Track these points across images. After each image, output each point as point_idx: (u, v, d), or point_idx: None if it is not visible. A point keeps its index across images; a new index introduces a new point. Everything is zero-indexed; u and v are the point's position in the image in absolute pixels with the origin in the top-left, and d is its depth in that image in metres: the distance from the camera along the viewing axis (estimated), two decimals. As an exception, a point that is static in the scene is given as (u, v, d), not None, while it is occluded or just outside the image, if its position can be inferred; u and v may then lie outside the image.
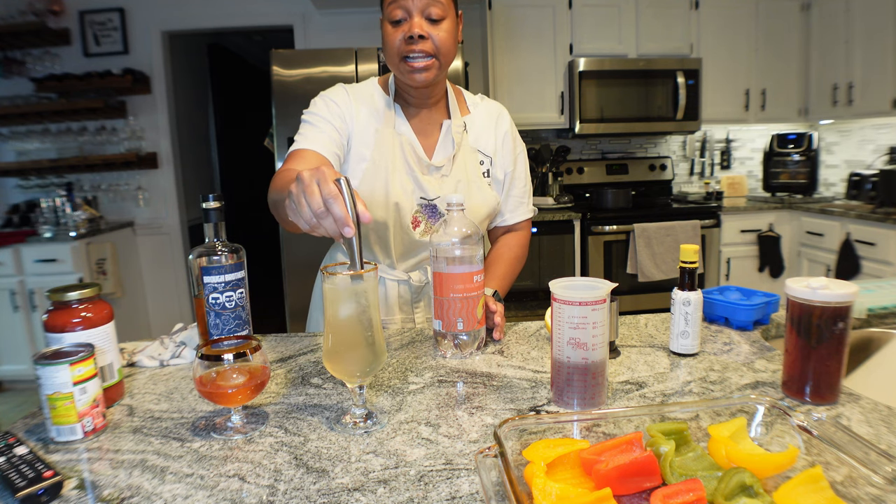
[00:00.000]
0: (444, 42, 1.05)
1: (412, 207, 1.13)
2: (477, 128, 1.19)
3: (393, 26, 1.05)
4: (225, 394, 0.72)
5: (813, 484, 0.51)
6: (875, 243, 2.84)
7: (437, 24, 1.04)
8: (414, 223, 1.13)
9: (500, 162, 1.20)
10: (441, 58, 1.06)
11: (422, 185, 1.13)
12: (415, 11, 1.03)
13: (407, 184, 1.12)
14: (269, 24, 3.75)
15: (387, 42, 1.07)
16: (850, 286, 0.72)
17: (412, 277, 1.16)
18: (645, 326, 1.09)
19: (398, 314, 1.19)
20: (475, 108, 1.21)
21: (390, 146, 1.11)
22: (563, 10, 3.46)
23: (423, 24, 1.03)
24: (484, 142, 1.19)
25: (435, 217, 1.15)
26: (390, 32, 1.05)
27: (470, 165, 1.16)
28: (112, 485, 0.62)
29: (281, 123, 2.92)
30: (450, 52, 1.07)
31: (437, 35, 1.04)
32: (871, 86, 3.14)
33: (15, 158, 3.72)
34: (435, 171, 1.14)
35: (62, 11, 3.58)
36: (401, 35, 1.04)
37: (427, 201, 1.14)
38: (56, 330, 0.76)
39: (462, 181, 1.14)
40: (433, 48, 1.04)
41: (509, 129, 1.22)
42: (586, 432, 0.64)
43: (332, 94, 1.14)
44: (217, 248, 0.90)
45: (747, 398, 0.64)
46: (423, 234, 1.14)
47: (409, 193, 1.12)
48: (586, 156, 3.96)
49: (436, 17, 1.04)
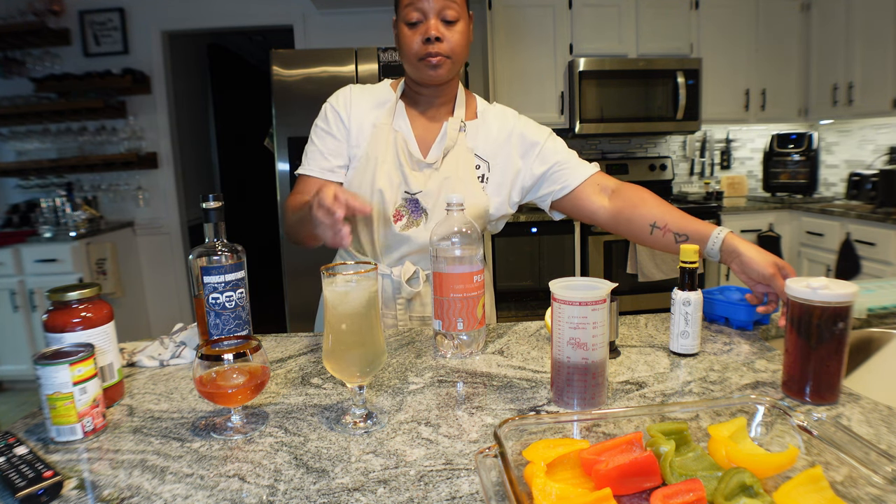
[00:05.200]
0: (458, 43, 1.09)
1: (395, 201, 1.14)
2: (479, 133, 1.19)
3: (409, 28, 1.08)
4: (225, 394, 0.72)
5: (813, 484, 0.51)
6: (875, 243, 2.84)
7: (451, 27, 1.07)
8: (396, 216, 1.14)
9: (504, 164, 1.19)
10: (455, 58, 1.10)
11: (407, 179, 1.14)
12: (431, 14, 1.06)
13: (394, 176, 1.14)
14: (269, 24, 3.76)
15: (403, 43, 1.10)
16: (850, 286, 0.72)
17: (394, 273, 1.16)
18: (645, 326, 1.09)
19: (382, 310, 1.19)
20: (483, 115, 1.21)
21: (385, 141, 1.14)
22: (563, 10, 3.46)
23: (439, 26, 1.06)
24: (483, 147, 1.18)
25: (417, 212, 1.15)
26: (407, 34, 1.09)
27: (462, 164, 1.16)
28: (112, 485, 0.61)
29: (281, 123, 2.92)
30: (463, 52, 1.11)
31: (452, 37, 1.07)
32: (871, 86, 3.14)
33: (15, 158, 3.72)
34: (426, 167, 1.15)
35: (62, 11, 3.58)
36: (419, 37, 1.07)
37: (410, 195, 1.15)
38: (56, 330, 0.76)
39: (451, 178, 1.14)
40: (449, 49, 1.08)
41: (517, 131, 1.20)
42: (586, 432, 0.64)
43: (336, 100, 1.19)
44: (217, 248, 0.90)
45: (747, 398, 0.64)
46: (404, 229, 1.14)
47: (394, 186, 1.14)
48: (586, 156, 3.93)
49: (451, 18, 1.07)
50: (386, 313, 1.19)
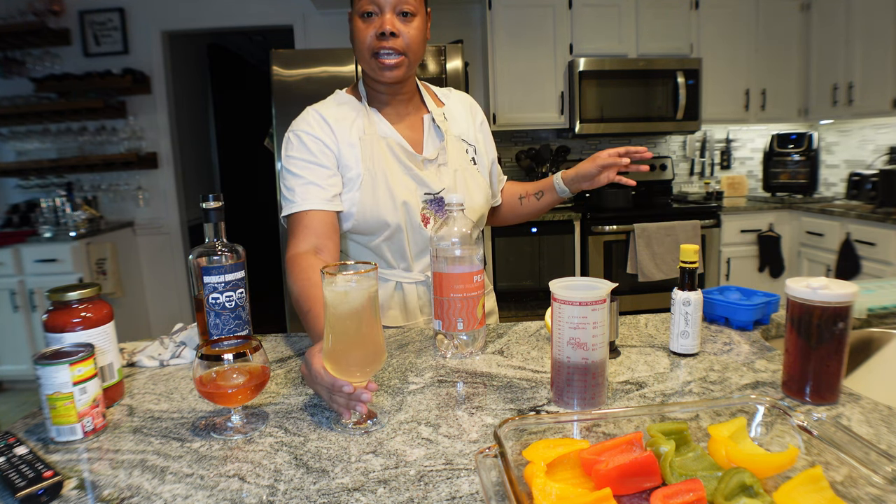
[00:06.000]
0: (414, 39, 1.05)
1: (419, 205, 1.12)
2: (456, 118, 1.21)
3: (363, 20, 1.04)
4: (225, 394, 0.72)
5: (813, 484, 0.51)
6: (875, 243, 2.84)
7: (408, 22, 1.04)
8: (424, 220, 1.13)
9: (484, 149, 1.24)
10: (410, 55, 1.06)
11: (422, 181, 1.12)
12: (387, 7, 1.02)
13: (409, 182, 1.11)
14: (269, 24, 3.76)
15: (357, 37, 1.06)
16: (850, 286, 0.72)
17: (429, 276, 1.15)
18: (645, 326, 1.09)
19: (420, 317, 1.17)
20: (448, 100, 1.23)
21: (378, 151, 1.10)
22: (563, 10, 3.46)
23: (394, 20, 1.03)
24: (465, 131, 1.22)
25: (442, 211, 1.13)
26: (361, 27, 1.05)
27: (460, 154, 1.18)
28: (112, 485, 0.62)
29: (281, 123, 2.92)
30: (419, 49, 1.08)
31: (407, 33, 1.04)
32: (871, 86, 3.14)
33: (15, 158, 3.72)
34: (430, 163, 1.14)
35: (62, 11, 3.58)
36: (372, 31, 1.03)
37: (433, 195, 1.13)
38: (56, 330, 0.76)
39: (459, 170, 1.16)
40: (404, 45, 1.04)
41: (484, 119, 1.27)
42: (586, 432, 0.64)
43: (308, 127, 1.11)
44: (217, 248, 0.90)
45: (747, 398, 0.64)
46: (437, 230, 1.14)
47: (413, 192, 1.11)
48: (586, 156, 3.91)
49: (408, 10, 1.03)
50: (421, 319, 1.17)
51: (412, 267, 1.15)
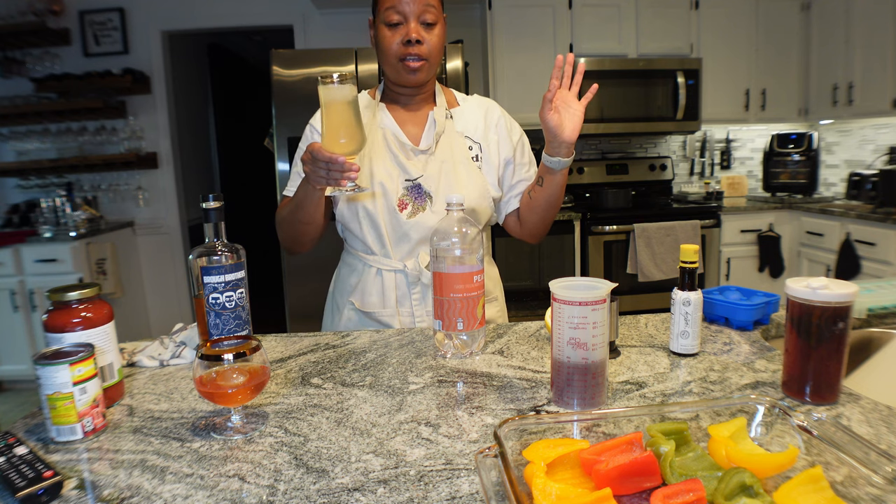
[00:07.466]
0: (435, 46, 1.15)
1: (397, 191, 1.16)
2: (465, 117, 1.25)
3: (389, 29, 1.13)
4: (225, 394, 0.72)
5: (813, 484, 0.51)
6: (875, 243, 2.84)
7: (430, 30, 1.14)
8: (400, 206, 1.16)
9: (496, 149, 1.24)
10: (432, 59, 1.16)
11: (405, 167, 1.17)
12: (412, 17, 1.11)
13: (392, 168, 1.17)
14: (269, 24, 3.76)
15: (383, 44, 1.14)
16: (850, 286, 0.72)
17: (407, 265, 1.17)
18: (645, 326, 1.09)
19: (398, 310, 1.19)
20: (464, 102, 1.28)
21: (373, 138, 1.18)
22: (563, 10, 3.46)
23: (419, 29, 1.12)
24: (472, 129, 1.24)
25: (421, 198, 1.17)
26: (387, 35, 1.13)
27: (456, 148, 1.20)
28: (112, 485, 0.62)
29: (281, 123, 2.92)
30: (439, 54, 1.18)
31: (430, 40, 1.14)
32: (871, 86, 3.14)
33: (15, 158, 3.72)
34: (420, 153, 1.19)
35: (62, 11, 3.58)
36: (399, 38, 1.12)
37: (411, 182, 1.17)
38: (56, 330, 0.76)
39: (448, 161, 1.18)
40: (427, 52, 1.14)
41: (502, 116, 1.27)
42: (586, 432, 0.64)
43: (314, 121, 1.24)
44: (217, 248, 0.90)
45: (747, 398, 0.64)
46: (411, 216, 1.16)
47: (394, 177, 1.16)
48: (586, 156, 3.96)
49: (430, 21, 1.13)
50: (401, 311, 1.19)
51: (391, 254, 1.18)
